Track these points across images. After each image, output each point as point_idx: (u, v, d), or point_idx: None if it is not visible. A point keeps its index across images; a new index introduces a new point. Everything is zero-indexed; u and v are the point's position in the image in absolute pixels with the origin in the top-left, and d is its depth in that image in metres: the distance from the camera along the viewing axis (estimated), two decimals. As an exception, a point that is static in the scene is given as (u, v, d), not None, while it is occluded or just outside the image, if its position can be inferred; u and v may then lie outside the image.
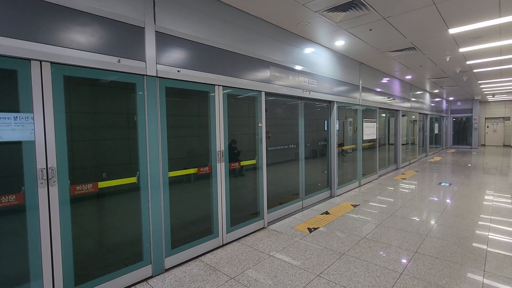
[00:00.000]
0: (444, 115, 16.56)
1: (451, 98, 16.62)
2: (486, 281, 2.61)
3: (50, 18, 2.12)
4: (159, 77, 2.81)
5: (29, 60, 2.03)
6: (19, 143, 2.02)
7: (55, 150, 2.15)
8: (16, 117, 2.01)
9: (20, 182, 2.03)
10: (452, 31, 4.74)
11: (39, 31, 2.07)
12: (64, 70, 2.21)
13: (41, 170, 2.08)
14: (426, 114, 12.74)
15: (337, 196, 5.81)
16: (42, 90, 2.09)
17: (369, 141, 7.49)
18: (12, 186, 2.03)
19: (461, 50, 5.95)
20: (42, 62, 2.09)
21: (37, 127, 2.07)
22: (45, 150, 2.11)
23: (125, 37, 2.56)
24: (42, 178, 2.09)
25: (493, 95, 14.71)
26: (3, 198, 1.96)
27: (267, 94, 4.11)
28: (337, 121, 5.94)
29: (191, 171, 3.24)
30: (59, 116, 2.18)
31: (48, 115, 2.12)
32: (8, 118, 1.98)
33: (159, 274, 2.82)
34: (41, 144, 2.09)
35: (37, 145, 2.07)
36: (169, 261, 2.93)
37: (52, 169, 2.13)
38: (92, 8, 2.33)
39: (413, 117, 11.10)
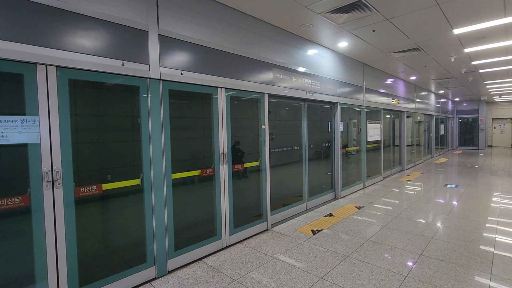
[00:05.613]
0: (450, 116, 16.38)
1: (457, 99, 16.44)
2: (493, 284, 2.57)
3: (55, 23, 2.16)
4: (163, 79, 2.83)
5: (35, 64, 2.07)
6: (25, 145, 2.06)
7: (60, 152, 2.18)
8: (23, 120, 2.05)
9: (26, 184, 2.06)
10: (457, 31, 4.70)
11: (44, 36, 2.11)
12: (69, 73, 2.25)
13: (47, 172, 2.11)
14: (432, 115, 12.61)
15: (341, 198, 5.78)
16: (48, 94, 2.13)
17: (374, 142, 7.45)
18: (18, 188, 2.06)
19: (466, 50, 5.89)
20: (48, 66, 2.13)
21: (42, 130, 2.10)
22: (51, 152, 2.14)
23: (129, 40, 2.59)
24: (47, 180, 2.12)
25: (500, 95, 14.51)
26: (9, 199, 2.00)
27: (270, 96, 4.12)
28: (341, 122, 5.92)
29: (195, 173, 3.26)
30: (64, 118, 2.21)
31: (53, 118, 2.15)
32: (15, 121, 2.02)
33: (162, 276, 2.83)
34: (47, 147, 2.12)
35: (43, 147, 2.10)
36: (172, 263, 2.94)
37: (57, 171, 2.16)
38: (96, 13, 2.37)
39: (418, 118, 11.01)
